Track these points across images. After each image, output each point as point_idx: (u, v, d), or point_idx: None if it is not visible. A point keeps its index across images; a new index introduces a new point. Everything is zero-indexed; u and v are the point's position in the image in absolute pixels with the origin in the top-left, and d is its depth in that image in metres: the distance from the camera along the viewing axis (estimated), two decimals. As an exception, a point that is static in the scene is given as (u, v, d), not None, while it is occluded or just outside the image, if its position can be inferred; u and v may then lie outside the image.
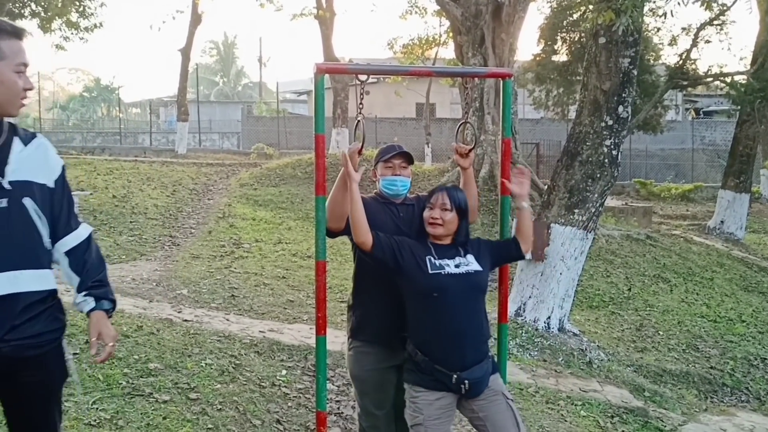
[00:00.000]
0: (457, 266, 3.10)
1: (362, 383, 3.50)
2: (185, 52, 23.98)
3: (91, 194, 11.48)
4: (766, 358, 8.31)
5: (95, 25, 22.55)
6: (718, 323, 9.21)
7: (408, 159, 3.50)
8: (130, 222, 10.60)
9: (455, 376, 3.03)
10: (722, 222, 15.48)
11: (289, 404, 4.73)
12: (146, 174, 14.65)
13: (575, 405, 5.25)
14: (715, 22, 14.04)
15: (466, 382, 3.03)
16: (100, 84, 60.99)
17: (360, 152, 3.32)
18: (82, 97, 60.80)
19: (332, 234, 3.42)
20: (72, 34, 22.39)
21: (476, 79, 13.28)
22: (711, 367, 7.78)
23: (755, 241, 15.82)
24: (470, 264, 3.13)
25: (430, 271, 3.08)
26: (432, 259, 3.12)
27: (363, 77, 3.49)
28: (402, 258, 3.11)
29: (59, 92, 65.72)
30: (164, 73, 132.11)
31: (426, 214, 3.21)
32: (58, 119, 55.36)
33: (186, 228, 10.85)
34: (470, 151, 3.47)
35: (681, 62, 14.87)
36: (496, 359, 3.39)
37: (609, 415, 5.21)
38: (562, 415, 5.01)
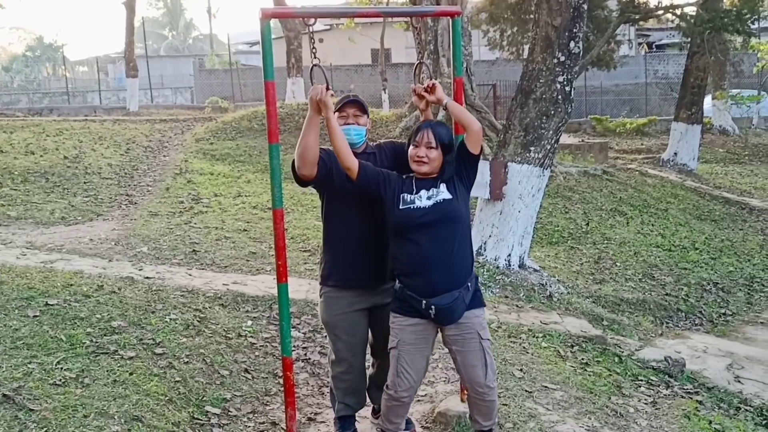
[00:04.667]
0: (429, 198, 3.22)
1: (334, 328, 3.55)
2: (129, 5, 23.18)
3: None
4: (718, 283, 8.64)
5: (32, -20, 21.60)
6: (672, 252, 9.49)
7: (361, 108, 3.49)
8: (84, 183, 10.37)
9: (424, 301, 3.18)
10: (675, 154, 15.81)
11: (256, 353, 4.78)
12: (98, 133, 14.29)
13: (536, 337, 5.40)
14: (665, -47, 14.03)
15: (433, 307, 3.17)
16: (43, 42, 58.80)
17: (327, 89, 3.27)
18: (26, 57, 58.60)
19: (304, 182, 3.40)
20: (8, -10, 21.44)
21: (429, 20, 13.14)
22: (666, 294, 8.06)
23: (707, 171, 16.22)
24: (441, 193, 3.23)
25: (399, 207, 3.22)
26: (405, 196, 3.24)
27: (311, 21, 3.44)
28: (385, 192, 3.26)
29: (1, 53, 63.24)
30: (110, 29, 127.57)
31: (411, 151, 3.30)
32: (2, 81, 53.41)
33: (142, 186, 10.68)
34: (428, 90, 3.44)
35: (632, -4, 14.89)
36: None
37: (569, 344, 5.38)
38: (524, 347, 5.16)
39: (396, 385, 3.26)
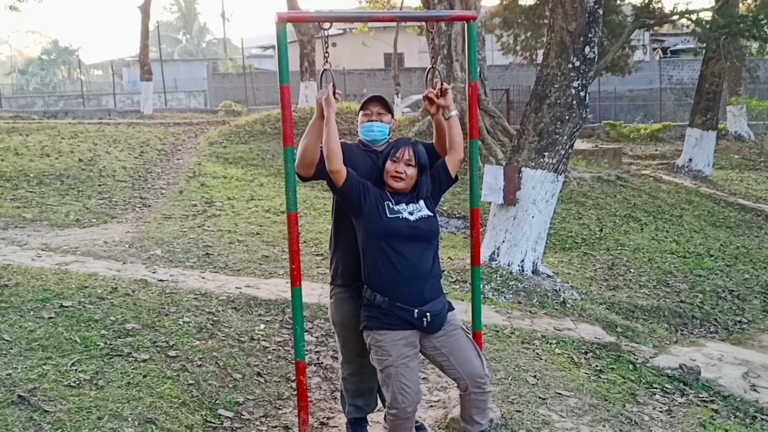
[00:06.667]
0: (411, 213, 3.26)
1: (344, 329, 3.56)
2: (145, 9, 23.32)
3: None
4: (733, 290, 8.55)
5: (49, -16, 21.81)
6: (687, 258, 9.41)
7: (385, 106, 3.52)
8: (99, 185, 10.44)
9: (416, 310, 3.18)
10: (690, 160, 15.71)
11: (269, 357, 4.78)
12: (112, 136, 14.38)
13: (550, 343, 5.37)
14: (680, -41, 13.96)
15: (428, 314, 3.20)
16: (58, 46, 59.40)
17: (334, 94, 3.29)
18: (41, 60, 59.20)
19: (303, 179, 3.45)
20: (25, -7, 21.68)
21: (443, 25, 13.15)
22: (681, 301, 7.99)
23: (722, 177, 16.09)
24: (422, 210, 3.29)
25: (388, 215, 3.23)
26: (390, 204, 3.26)
27: (327, 25, 3.45)
28: (365, 201, 3.24)
29: (17, 56, 63.85)
30: (125, 33, 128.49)
31: (390, 167, 3.30)
32: (18, 84, 53.93)
33: (156, 189, 10.72)
34: (440, 95, 3.44)
35: (647, 1, 14.81)
36: (470, 302, 3.49)
37: (583, 351, 5.34)
38: (537, 353, 5.12)
39: (400, 403, 3.18)
